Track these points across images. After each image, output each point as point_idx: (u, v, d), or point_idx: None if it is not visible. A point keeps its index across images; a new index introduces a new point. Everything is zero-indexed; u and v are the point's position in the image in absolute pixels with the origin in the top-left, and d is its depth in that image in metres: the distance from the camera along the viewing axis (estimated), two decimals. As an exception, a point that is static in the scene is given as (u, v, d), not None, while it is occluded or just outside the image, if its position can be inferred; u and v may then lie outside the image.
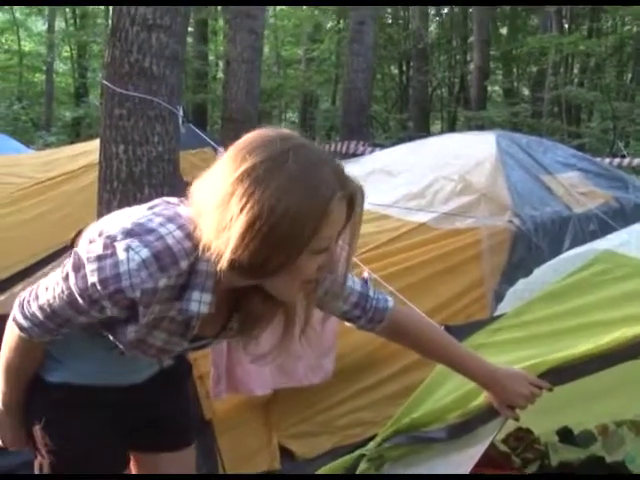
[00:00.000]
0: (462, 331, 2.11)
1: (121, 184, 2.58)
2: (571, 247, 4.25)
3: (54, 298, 1.49)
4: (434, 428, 1.84)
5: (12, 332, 1.61)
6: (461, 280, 3.88)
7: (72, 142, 14.93)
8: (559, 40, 13.68)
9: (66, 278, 1.46)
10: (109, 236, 1.41)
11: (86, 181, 5.27)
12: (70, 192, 5.36)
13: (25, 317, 1.55)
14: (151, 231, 1.39)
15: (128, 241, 1.38)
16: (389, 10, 21.09)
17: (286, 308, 1.53)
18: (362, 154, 8.04)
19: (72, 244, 4.81)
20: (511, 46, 19.16)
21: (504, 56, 19.47)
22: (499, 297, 3.94)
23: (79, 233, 4.72)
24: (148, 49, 2.72)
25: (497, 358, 1.92)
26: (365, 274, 1.82)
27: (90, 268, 1.40)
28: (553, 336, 1.93)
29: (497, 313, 2.38)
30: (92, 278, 1.40)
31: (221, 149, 2.95)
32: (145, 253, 1.37)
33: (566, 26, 16.56)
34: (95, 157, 5.04)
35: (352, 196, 1.37)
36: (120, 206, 1.70)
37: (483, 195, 4.22)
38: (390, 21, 21.30)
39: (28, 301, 1.55)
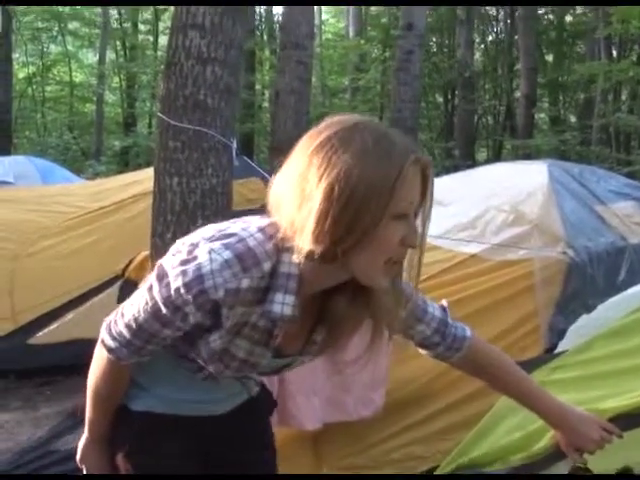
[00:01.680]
0: (522, 368, 2.04)
1: (175, 216, 2.59)
2: (627, 278, 4.17)
3: (139, 312, 1.50)
4: (495, 468, 1.78)
5: (101, 357, 1.62)
6: (514, 313, 3.80)
7: (121, 171, 15.17)
8: (608, 67, 13.52)
9: (150, 289, 1.47)
10: (192, 243, 1.44)
11: (135, 211, 5.34)
12: (120, 221, 5.43)
13: (113, 338, 1.56)
14: (232, 235, 1.42)
15: (210, 245, 1.41)
16: (434, 39, 21.16)
17: (374, 306, 1.50)
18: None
19: (123, 274, 4.85)
20: (558, 73, 19.04)
21: (550, 83, 19.33)
22: (553, 330, 3.89)
23: (130, 263, 4.75)
24: (203, 82, 2.73)
25: (559, 397, 1.85)
26: (444, 302, 1.80)
27: (173, 274, 1.42)
28: (617, 375, 1.87)
29: (558, 350, 2.32)
30: (176, 283, 1.41)
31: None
32: (227, 254, 1.38)
33: (614, 52, 16.39)
34: (144, 187, 5.12)
35: (425, 163, 1.39)
36: (174, 238, 1.68)
37: (535, 226, 4.14)
38: (435, 49, 21.36)
39: (115, 321, 1.57)
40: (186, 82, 2.83)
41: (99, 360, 1.64)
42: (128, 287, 4.54)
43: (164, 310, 1.45)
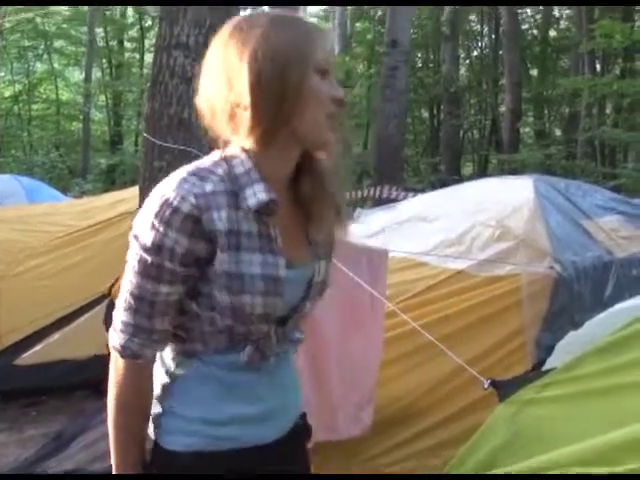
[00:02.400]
0: (510, 385, 2.04)
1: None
2: (614, 293, 4.18)
3: (130, 283, 1.46)
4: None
5: (116, 368, 1.53)
6: (501, 329, 3.80)
7: (107, 189, 15.13)
8: (593, 82, 13.63)
9: (131, 251, 1.46)
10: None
11: (122, 229, 5.30)
12: (107, 240, 5.40)
13: (120, 332, 1.50)
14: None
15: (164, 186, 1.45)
16: (420, 54, 21.29)
17: (328, 184, 1.56)
18: (395, 199, 8.00)
19: (109, 293, 4.81)
20: (542, 88, 19.17)
21: (535, 98, 19.47)
22: (540, 346, 3.88)
23: (116, 281, 4.73)
24: (187, 101, 2.74)
25: (549, 414, 1.85)
26: None
27: (144, 218, 1.43)
28: (607, 392, 1.86)
29: (546, 367, 2.31)
30: (149, 221, 1.41)
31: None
32: (182, 174, 1.44)
33: (598, 67, 16.53)
34: (131, 205, 5.10)
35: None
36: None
37: (522, 241, 4.15)
38: (420, 65, 21.49)
39: (115, 316, 1.51)
40: (171, 101, 2.82)
41: (115, 373, 1.53)
42: (114, 306, 4.52)
43: (150, 258, 1.42)
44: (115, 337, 1.51)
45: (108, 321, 4.66)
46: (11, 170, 15.98)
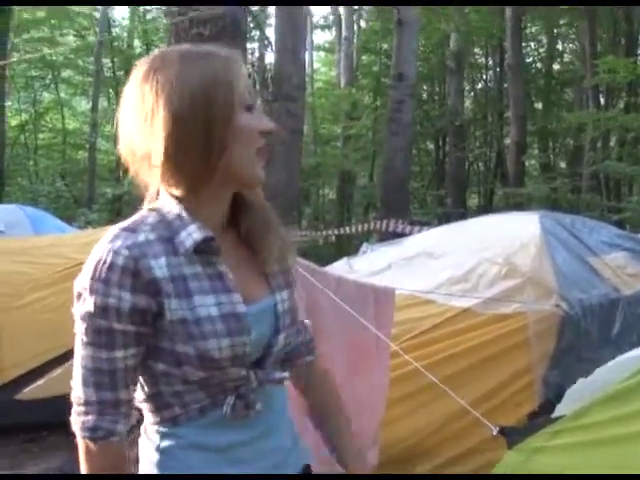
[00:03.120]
0: (520, 432, 2.01)
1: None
2: (621, 330, 4.15)
3: (83, 357, 1.37)
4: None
5: (86, 454, 1.39)
6: (508, 367, 3.77)
7: (113, 219, 15.15)
8: (597, 116, 13.68)
9: (76, 324, 1.37)
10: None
11: (127, 262, 5.28)
12: (110, 274, 5.38)
13: (83, 414, 1.37)
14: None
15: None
16: (425, 87, 21.42)
17: (263, 215, 1.52)
18: (401, 232, 8.00)
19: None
20: (547, 121, 19.24)
21: (540, 131, 19.54)
22: (548, 384, 3.85)
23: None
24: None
25: (558, 462, 1.81)
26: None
27: (82, 285, 1.35)
28: (617, 442, 1.82)
29: (556, 413, 2.27)
30: (87, 285, 1.33)
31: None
32: (112, 231, 1.37)
33: (602, 100, 16.59)
34: (136, 239, 5.09)
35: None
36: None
37: (528, 279, 4.12)
38: (426, 98, 21.61)
39: (73, 400, 1.39)
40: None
41: (88, 462, 1.39)
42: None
43: (97, 323, 1.33)
44: (80, 421, 1.38)
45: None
46: (17, 199, 16.04)
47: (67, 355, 4.99)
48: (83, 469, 1.39)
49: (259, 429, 1.47)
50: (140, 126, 1.37)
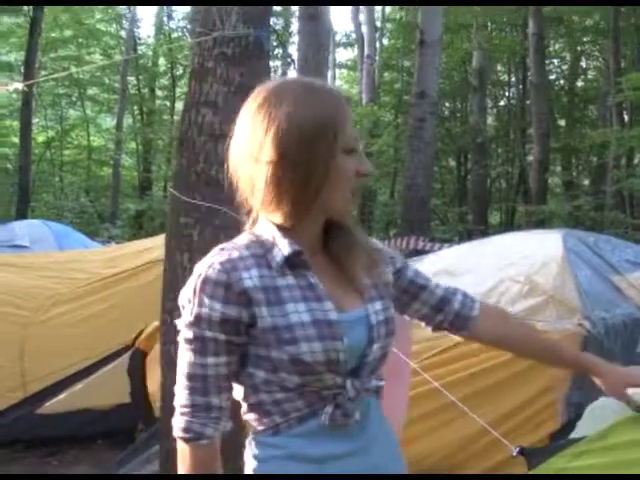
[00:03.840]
0: (541, 453, 1.99)
1: (185, 293, 2.55)
2: (645, 350, 4.10)
3: (181, 364, 1.50)
4: None
5: (182, 456, 1.50)
6: (529, 387, 3.73)
7: (135, 234, 15.25)
8: (620, 134, 13.60)
9: (180, 335, 1.50)
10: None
11: (149, 278, 5.32)
12: (133, 289, 5.41)
13: (179, 416, 1.50)
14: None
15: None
16: (447, 104, 21.42)
17: (353, 238, 1.60)
18: (422, 249, 7.98)
19: (133, 344, 4.81)
20: (570, 138, 19.15)
21: (563, 148, 19.45)
22: (570, 404, 3.81)
23: (141, 332, 4.72)
24: (215, 158, 2.74)
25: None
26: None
27: (183, 299, 1.49)
28: (640, 464, 1.80)
29: (576, 432, 2.25)
30: (187, 298, 1.48)
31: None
32: (213, 251, 1.51)
33: (626, 118, 16.51)
34: (158, 253, 5.11)
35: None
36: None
37: (551, 297, 4.09)
38: (448, 115, 21.60)
39: (175, 405, 1.51)
40: (198, 158, 2.83)
41: (184, 463, 1.50)
42: (138, 357, 4.50)
43: (191, 332, 1.46)
44: (177, 423, 1.50)
45: (132, 371, 4.66)
46: (41, 215, 16.20)
47: (89, 370, 5.05)
48: (179, 469, 1.51)
49: (360, 442, 1.52)
50: (249, 154, 1.48)
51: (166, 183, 20.52)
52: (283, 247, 1.48)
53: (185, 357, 1.48)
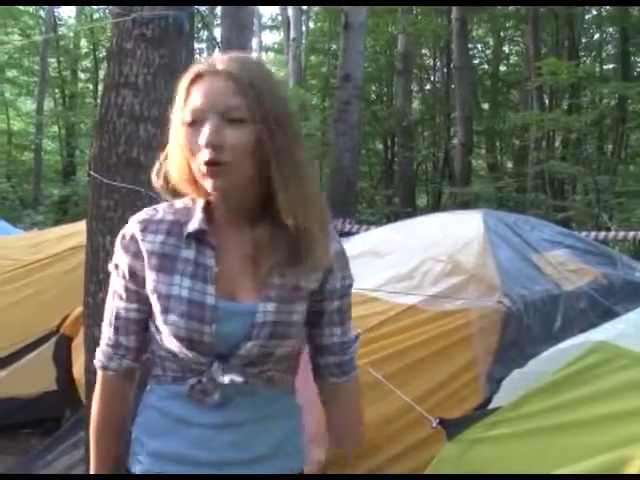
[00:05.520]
0: (458, 424, 2.05)
1: (107, 275, 2.54)
2: (563, 325, 4.24)
3: (107, 304, 1.68)
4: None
5: (97, 381, 1.71)
6: (452, 363, 3.82)
7: (59, 220, 14.93)
8: (540, 117, 13.92)
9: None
10: None
11: (73, 263, 5.24)
12: (57, 274, 5.32)
13: (99, 345, 1.70)
14: None
15: None
16: (373, 88, 21.54)
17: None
18: (349, 232, 8.04)
19: (58, 329, 4.73)
20: (493, 122, 19.51)
21: (487, 131, 19.80)
22: (492, 379, 3.91)
23: (66, 318, 4.64)
24: (136, 140, 2.72)
25: (496, 454, 1.86)
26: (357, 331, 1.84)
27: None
28: (553, 431, 1.88)
29: (493, 404, 2.33)
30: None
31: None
32: (147, 209, 1.65)
33: (547, 101, 16.89)
34: (82, 239, 5.03)
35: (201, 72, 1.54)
36: (106, 297, 1.68)
37: (472, 276, 4.19)
38: (374, 98, 21.72)
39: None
40: (119, 140, 2.80)
41: (96, 388, 1.70)
42: (63, 343, 4.44)
43: (112, 278, 1.64)
44: (97, 350, 1.70)
45: (57, 358, 4.59)
46: (-40, 201, 15.71)
47: (13, 357, 4.94)
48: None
49: (217, 420, 1.57)
50: None
51: (89, 167, 20.10)
52: (193, 222, 1.55)
53: (108, 300, 1.66)
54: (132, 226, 1.59)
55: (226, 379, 1.53)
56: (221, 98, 1.48)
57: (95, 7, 21.77)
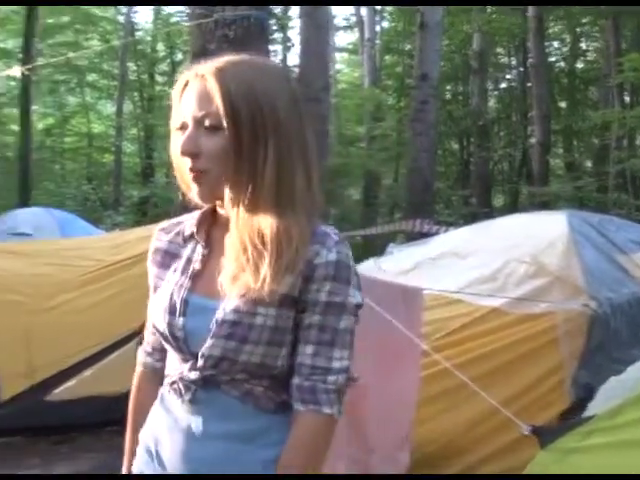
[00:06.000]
0: (552, 432, 1.99)
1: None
2: (650, 329, 4.11)
3: None
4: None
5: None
6: (538, 367, 3.75)
7: (139, 221, 15.25)
8: (622, 114, 13.55)
9: None
10: None
11: (154, 264, 5.30)
12: (138, 275, 5.36)
13: None
14: None
15: None
16: (448, 87, 21.35)
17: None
18: (427, 232, 7.96)
19: (140, 330, 4.81)
20: (572, 120, 19.10)
21: (565, 130, 19.39)
22: (578, 384, 3.82)
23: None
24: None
25: (593, 462, 1.80)
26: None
27: None
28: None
29: (588, 412, 2.26)
30: None
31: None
32: None
33: (627, 98, 16.45)
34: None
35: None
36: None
37: (557, 278, 4.11)
38: (449, 97, 21.52)
39: None
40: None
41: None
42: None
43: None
44: None
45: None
46: (43, 202, 16.17)
47: (97, 357, 5.05)
48: None
49: (188, 422, 1.52)
50: None
51: (168, 169, 20.46)
52: (191, 223, 1.59)
53: None
54: (156, 231, 1.66)
55: (190, 376, 1.49)
56: (197, 105, 1.46)
57: (172, 11, 22.17)
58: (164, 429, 1.56)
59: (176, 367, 1.54)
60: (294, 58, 20.68)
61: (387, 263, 4.88)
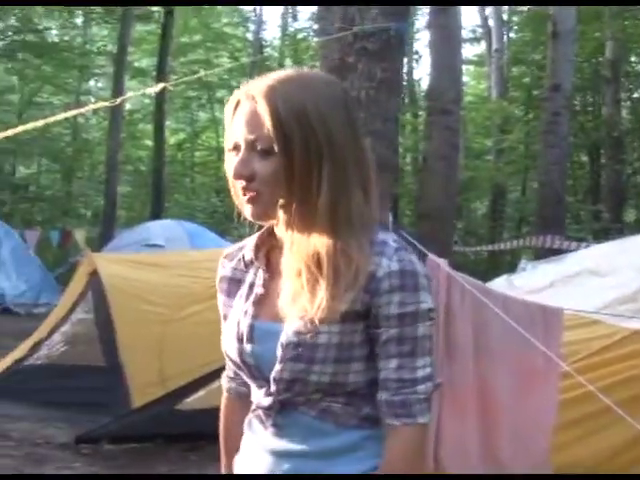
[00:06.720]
0: None
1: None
2: None
3: None
4: None
5: None
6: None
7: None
8: None
9: None
10: None
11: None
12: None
13: None
14: None
15: None
16: (577, 98, 20.71)
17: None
18: (558, 248, 7.72)
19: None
20: None
21: None
22: None
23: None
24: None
25: None
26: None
27: None
28: None
29: None
30: None
31: (432, 256, 2.86)
32: None
33: None
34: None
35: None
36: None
37: None
38: (579, 108, 20.88)
39: None
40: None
41: None
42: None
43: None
44: None
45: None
46: (174, 215, 16.76)
47: (223, 369, 5.14)
48: None
49: (273, 445, 1.51)
50: None
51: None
52: (250, 247, 1.56)
53: None
54: (221, 257, 1.65)
55: (265, 402, 1.49)
56: (248, 128, 1.42)
57: (299, 27, 22.59)
58: (253, 455, 1.56)
59: (255, 394, 1.54)
60: (421, 70, 20.62)
61: (520, 280, 4.73)
